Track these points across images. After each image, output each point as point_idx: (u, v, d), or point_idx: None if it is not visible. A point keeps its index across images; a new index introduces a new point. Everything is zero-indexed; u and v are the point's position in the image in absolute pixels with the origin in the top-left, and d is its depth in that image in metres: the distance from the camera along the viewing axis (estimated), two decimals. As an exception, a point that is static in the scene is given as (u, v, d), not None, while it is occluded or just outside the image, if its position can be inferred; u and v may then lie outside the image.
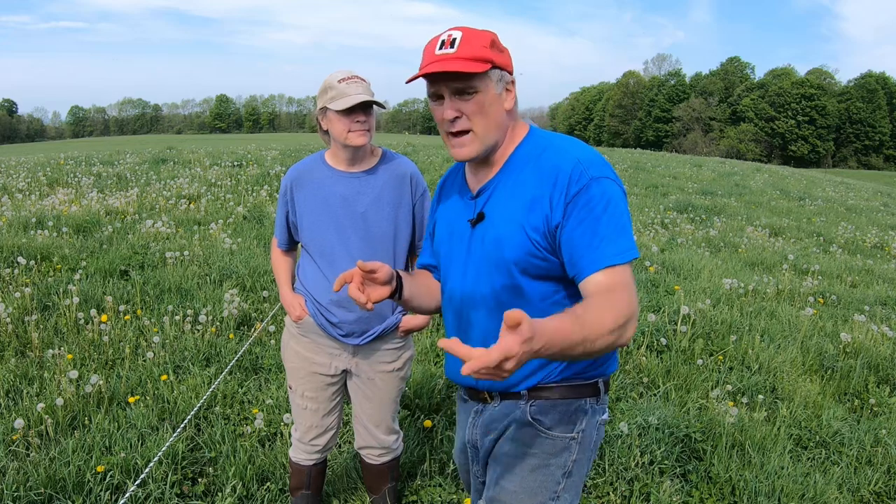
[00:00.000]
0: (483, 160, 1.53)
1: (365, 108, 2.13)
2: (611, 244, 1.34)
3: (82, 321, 4.29)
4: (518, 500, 1.54)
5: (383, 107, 2.24)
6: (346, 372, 2.39)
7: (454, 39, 1.42)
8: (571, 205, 1.37)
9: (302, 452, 2.48)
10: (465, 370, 1.05)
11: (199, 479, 2.82)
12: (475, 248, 1.53)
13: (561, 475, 1.53)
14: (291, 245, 2.45)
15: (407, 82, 1.50)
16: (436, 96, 1.47)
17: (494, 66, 1.43)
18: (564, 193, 1.37)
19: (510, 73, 1.48)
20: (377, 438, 2.46)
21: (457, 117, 1.44)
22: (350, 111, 2.11)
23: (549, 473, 1.53)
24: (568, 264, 1.39)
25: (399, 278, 1.58)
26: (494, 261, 1.48)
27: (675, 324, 4.68)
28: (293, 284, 2.43)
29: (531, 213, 1.42)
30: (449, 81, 1.42)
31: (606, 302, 1.29)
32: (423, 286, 1.70)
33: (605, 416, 1.60)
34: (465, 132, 1.46)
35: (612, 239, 1.34)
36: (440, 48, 1.42)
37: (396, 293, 1.57)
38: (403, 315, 2.35)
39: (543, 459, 1.53)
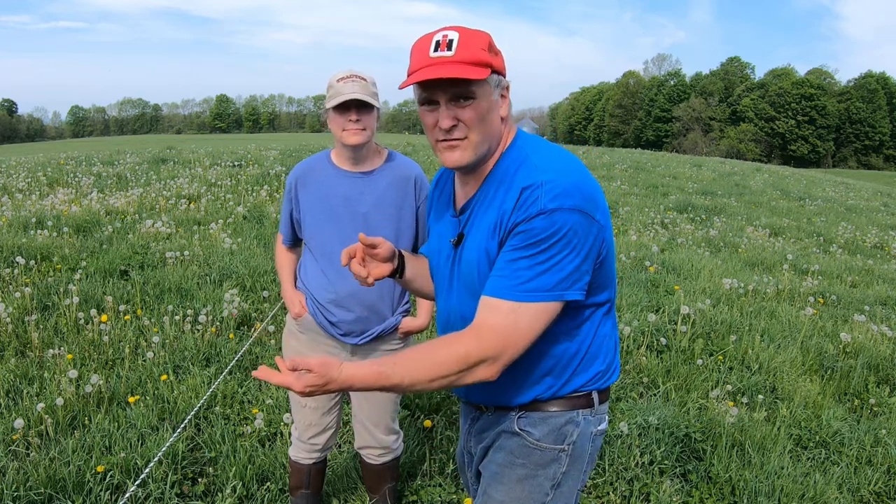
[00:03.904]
0: (471, 170, 1.45)
1: (360, 106, 2.12)
2: (514, 278, 1.28)
3: (82, 321, 4.29)
4: None
5: (376, 105, 2.19)
6: (345, 371, 2.39)
7: (451, 41, 1.30)
8: (514, 232, 1.31)
9: (301, 451, 2.48)
10: (258, 373, 1.22)
11: (199, 479, 2.82)
12: (456, 269, 1.50)
13: (549, 487, 1.49)
14: (295, 242, 2.45)
15: (400, 88, 1.37)
16: (429, 101, 1.36)
17: (493, 71, 1.34)
18: (513, 217, 1.32)
19: (505, 76, 1.39)
20: (376, 438, 2.46)
21: (454, 126, 1.35)
22: (344, 110, 2.11)
23: (536, 484, 1.49)
24: None
25: (401, 257, 1.59)
26: (469, 283, 1.45)
27: (675, 324, 4.68)
28: (295, 282, 2.43)
29: (492, 240, 1.37)
30: (447, 87, 1.32)
31: (457, 341, 1.30)
32: (426, 270, 1.70)
33: (603, 427, 1.55)
34: (461, 138, 1.37)
35: (524, 274, 1.28)
36: (435, 50, 1.31)
37: (398, 272, 1.59)
38: (403, 317, 2.35)
39: (531, 470, 1.49)
